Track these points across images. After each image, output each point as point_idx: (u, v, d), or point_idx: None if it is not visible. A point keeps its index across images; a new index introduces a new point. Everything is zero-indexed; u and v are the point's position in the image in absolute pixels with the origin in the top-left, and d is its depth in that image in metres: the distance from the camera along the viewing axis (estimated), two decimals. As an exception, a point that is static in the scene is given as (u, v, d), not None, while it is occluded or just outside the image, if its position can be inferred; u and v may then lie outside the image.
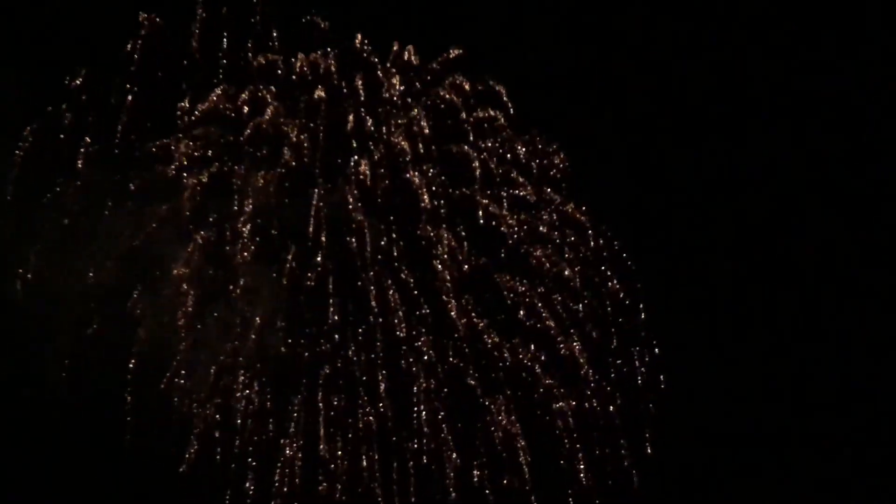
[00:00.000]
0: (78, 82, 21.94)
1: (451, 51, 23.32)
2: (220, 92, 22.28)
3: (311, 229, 22.03)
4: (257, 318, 21.91)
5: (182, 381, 21.81)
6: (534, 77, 24.44)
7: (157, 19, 22.26)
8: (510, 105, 23.30)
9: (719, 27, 26.50)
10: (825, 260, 26.58)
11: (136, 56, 22.14)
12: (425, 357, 22.36)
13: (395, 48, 23.31)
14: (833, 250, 26.56)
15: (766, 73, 26.79)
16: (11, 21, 22.59)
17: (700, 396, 25.16)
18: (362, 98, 22.71)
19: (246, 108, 22.38)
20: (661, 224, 26.15)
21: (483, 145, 23.19)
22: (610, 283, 23.80)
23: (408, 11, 24.00)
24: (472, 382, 22.62)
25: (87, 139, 21.84)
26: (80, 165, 21.83)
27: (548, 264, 23.31)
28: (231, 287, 22.02)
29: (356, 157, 22.53)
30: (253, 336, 21.86)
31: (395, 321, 22.23)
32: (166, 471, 21.72)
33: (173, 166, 22.16)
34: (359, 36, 22.98)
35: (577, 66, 25.35)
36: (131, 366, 21.74)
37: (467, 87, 23.10)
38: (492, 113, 23.25)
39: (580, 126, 24.76)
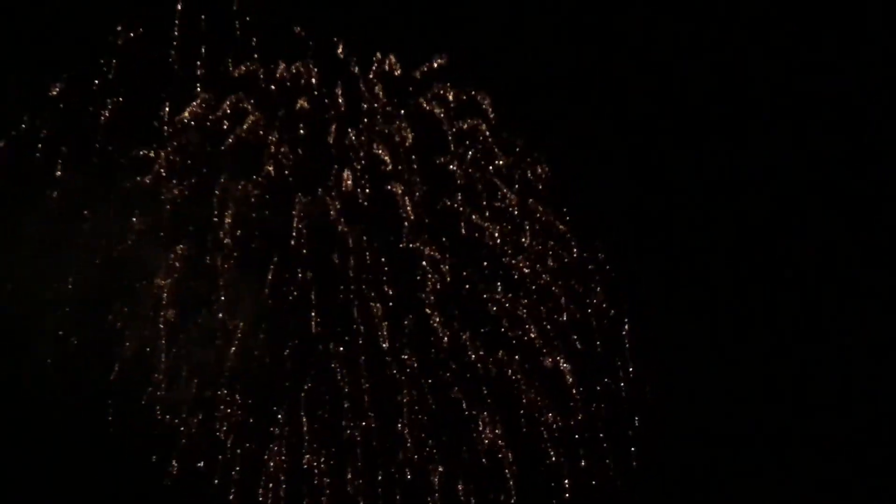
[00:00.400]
0: (56, 91, 21.73)
1: (435, 60, 23.08)
2: (200, 101, 22.06)
3: (292, 240, 21.90)
4: (239, 330, 21.79)
5: (163, 393, 21.70)
6: (520, 84, 24.11)
7: (137, 28, 22.01)
8: (494, 115, 23.07)
9: (719, 27, 26.14)
10: (826, 260, 26.26)
11: (114, 63, 21.92)
12: (409, 370, 22.25)
13: (377, 57, 23.06)
14: (833, 251, 26.23)
15: (766, 73, 26.43)
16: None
17: (699, 398, 24.95)
18: (343, 108, 22.55)
19: (226, 119, 22.18)
20: (659, 225, 25.88)
21: (467, 156, 22.98)
22: (594, 294, 23.60)
23: (391, 21, 23.69)
24: (457, 394, 22.51)
25: (65, 149, 21.65)
26: (58, 175, 21.64)
27: (532, 275, 23.12)
28: (213, 298, 21.88)
29: (338, 167, 22.38)
30: (234, 348, 21.75)
31: (379, 333, 22.10)
32: (149, 484, 21.65)
33: (153, 176, 21.97)
34: (340, 45, 22.78)
35: (565, 70, 24.98)
36: (112, 378, 21.64)
37: (451, 96, 22.88)
38: (475, 123, 23.01)
39: (569, 131, 24.46)
